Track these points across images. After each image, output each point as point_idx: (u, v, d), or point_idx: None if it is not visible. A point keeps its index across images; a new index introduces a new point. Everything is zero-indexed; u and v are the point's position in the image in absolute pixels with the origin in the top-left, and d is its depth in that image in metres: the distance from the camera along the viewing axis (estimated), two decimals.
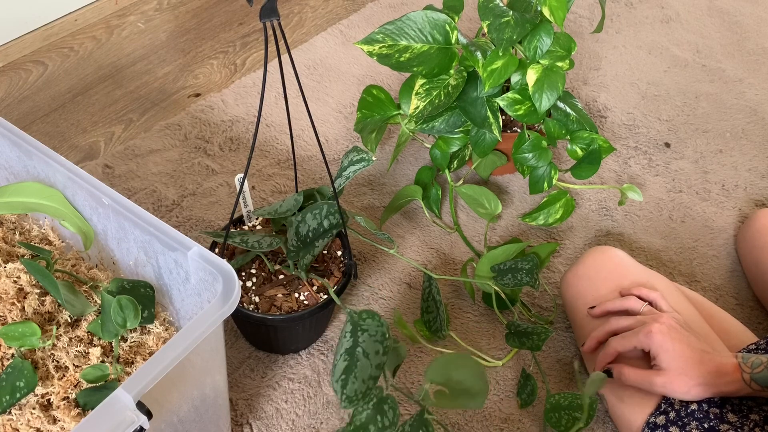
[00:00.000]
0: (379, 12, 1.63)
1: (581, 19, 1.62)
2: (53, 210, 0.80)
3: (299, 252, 0.89)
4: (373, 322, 0.72)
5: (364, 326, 0.73)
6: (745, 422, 0.75)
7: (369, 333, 0.73)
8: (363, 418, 0.71)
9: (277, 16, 0.69)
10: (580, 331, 0.93)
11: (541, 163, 1.08)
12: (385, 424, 0.72)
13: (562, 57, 1.02)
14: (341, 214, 0.90)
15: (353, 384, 0.71)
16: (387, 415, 0.73)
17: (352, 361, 0.72)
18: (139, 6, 1.62)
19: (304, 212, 0.90)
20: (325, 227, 0.90)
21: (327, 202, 0.90)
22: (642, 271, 0.92)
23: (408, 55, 1.00)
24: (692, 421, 0.76)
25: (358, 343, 0.72)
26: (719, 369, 0.75)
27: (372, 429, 0.71)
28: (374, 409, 0.72)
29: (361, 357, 0.72)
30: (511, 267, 0.97)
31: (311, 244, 0.90)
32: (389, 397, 0.74)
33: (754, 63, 1.52)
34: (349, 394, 0.70)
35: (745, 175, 1.28)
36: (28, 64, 1.46)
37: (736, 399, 0.77)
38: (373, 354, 0.72)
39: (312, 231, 0.90)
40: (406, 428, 0.73)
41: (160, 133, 1.31)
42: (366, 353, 0.72)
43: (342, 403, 0.71)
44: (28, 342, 0.68)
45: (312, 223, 0.90)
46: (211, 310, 0.65)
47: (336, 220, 0.90)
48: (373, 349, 0.72)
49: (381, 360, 0.72)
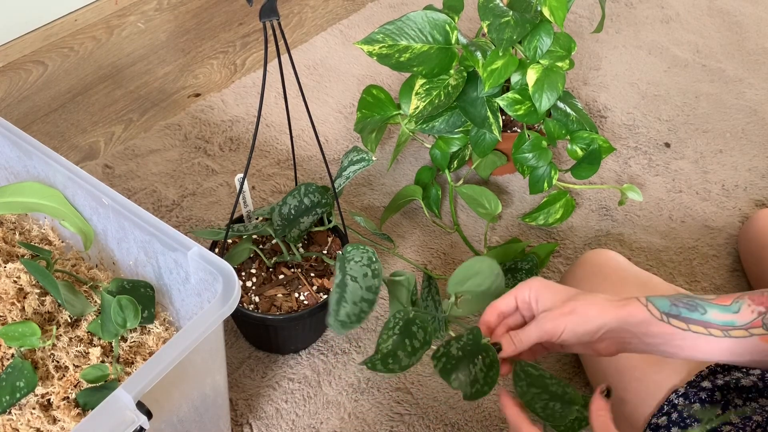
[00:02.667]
0: (379, 12, 1.63)
1: (581, 19, 1.62)
2: (53, 210, 0.80)
3: (284, 228, 0.92)
4: (357, 250, 0.72)
5: (348, 257, 0.72)
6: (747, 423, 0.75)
7: (354, 260, 0.72)
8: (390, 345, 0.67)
9: (276, 16, 0.69)
10: None
11: (541, 163, 1.08)
12: (415, 346, 0.68)
13: (562, 57, 1.02)
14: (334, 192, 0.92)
15: (344, 308, 0.69)
16: (416, 336, 0.69)
17: (342, 290, 0.70)
18: (139, 6, 1.62)
19: (285, 196, 0.93)
20: (306, 204, 0.92)
21: (304, 183, 0.93)
22: (639, 273, 0.92)
23: (408, 55, 1.00)
24: (694, 422, 0.76)
25: (345, 273, 0.71)
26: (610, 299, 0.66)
27: (401, 354, 0.67)
28: (401, 333, 0.68)
29: (350, 282, 0.70)
30: (511, 267, 0.97)
31: (295, 220, 0.92)
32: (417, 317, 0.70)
33: (754, 63, 1.52)
34: (341, 319, 0.68)
35: (745, 175, 1.28)
36: (28, 64, 1.46)
37: (740, 400, 0.77)
38: (361, 277, 0.71)
39: (294, 208, 0.92)
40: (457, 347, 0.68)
41: (160, 133, 1.31)
42: (354, 278, 0.71)
43: (336, 330, 0.68)
44: (28, 342, 0.68)
45: (292, 202, 0.92)
46: (211, 310, 0.65)
47: (316, 198, 0.93)
48: (360, 273, 0.71)
49: (371, 282, 0.70)
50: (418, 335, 0.69)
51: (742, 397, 0.77)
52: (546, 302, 0.67)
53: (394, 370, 0.67)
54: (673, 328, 0.63)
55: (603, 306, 0.64)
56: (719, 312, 0.63)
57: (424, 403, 0.95)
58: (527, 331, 0.66)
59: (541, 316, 0.66)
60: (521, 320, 0.70)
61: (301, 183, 0.94)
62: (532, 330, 0.66)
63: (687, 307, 0.63)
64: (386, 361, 0.67)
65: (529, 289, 0.68)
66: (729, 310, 0.62)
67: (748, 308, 0.62)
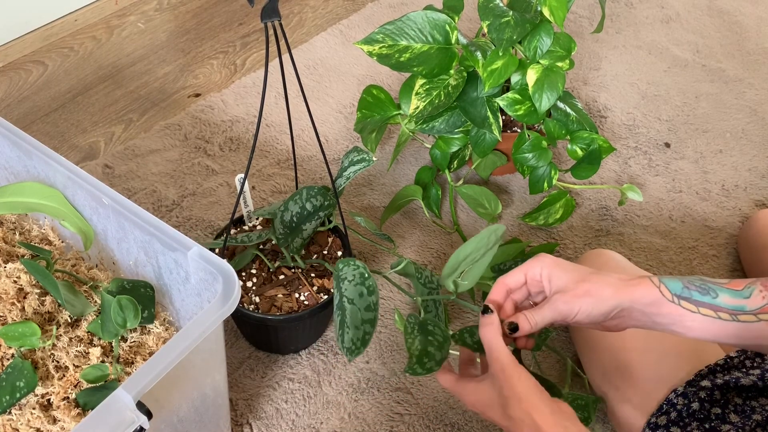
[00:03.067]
0: (379, 12, 1.63)
1: (581, 19, 1.62)
2: (53, 210, 0.80)
3: (287, 237, 0.90)
4: (348, 268, 0.73)
5: (342, 275, 0.73)
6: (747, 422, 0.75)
7: (348, 280, 0.73)
8: (418, 345, 0.70)
9: (278, 16, 0.69)
10: (577, 334, 0.93)
11: (541, 163, 1.08)
12: (439, 341, 0.71)
13: (562, 57, 1.02)
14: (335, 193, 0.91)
15: (348, 334, 0.71)
16: (435, 333, 0.72)
17: (342, 313, 0.72)
18: (139, 6, 1.62)
19: (286, 201, 0.91)
20: (308, 210, 0.91)
21: (306, 187, 0.91)
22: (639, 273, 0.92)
23: (408, 55, 1.00)
24: (693, 421, 0.76)
25: (342, 294, 0.72)
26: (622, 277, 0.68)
27: (432, 350, 0.70)
28: (421, 334, 0.71)
29: (347, 305, 0.72)
30: (511, 267, 0.97)
31: (298, 228, 0.91)
32: (426, 319, 0.73)
33: (754, 63, 1.52)
34: (347, 346, 0.71)
35: (745, 175, 1.28)
36: (28, 64, 1.46)
37: (740, 399, 0.77)
38: (357, 298, 0.72)
39: (296, 215, 0.91)
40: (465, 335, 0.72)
41: (160, 133, 1.31)
42: (351, 300, 0.72)
43: (347, 357, 0.71)
44: (28, 342, 0.68)
45: (294, 208, 0.90)
46: (211, 310, 0.65)
47: (318, 202, 0.91)
48: (356, 293, 0.72)
49: (369, 301, 0.72)
50: (436, 332, 0.72)
51: (742, 396, 0.77)
52: (559, 282, 0.68)
53: (432, 368, 0.69)
54: (683, 309, 0.64)
55: (616, 286, 0.66)
56: (730, 296, 0.64)
57: (424, 403, 0.95)
58: (542, 312, 0.67)
59: (555, 298, 0.67)
60: (526, 294, 0.72)
61: (303, 186, 0.93)
62: (547, 312, 0.67)
63: (699, 290, 0.64)
64: (422, 361, 0.69)
65: (541, 266, 0.69)
66: (740, 295, 0.64)
67: (759, 294, 0.63)
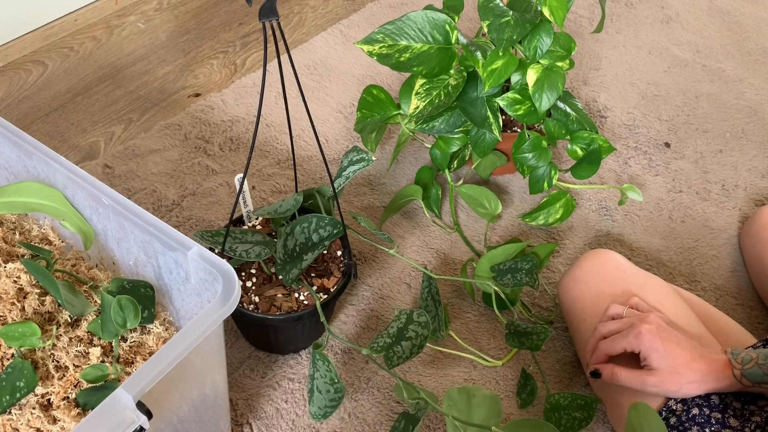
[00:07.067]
0: (379, 12, 1.63)
1: (581, 19, 1.62)
2: (53, 210, 0.80)
3: (285, 266, 0.89)
4: (323, 365, 0.80)
5: (318, 364, 0.80)
6: (747, 425, 0.75)
7: (321, 373, 0.81)
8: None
9: (276, 16, 0.69)
10: (578, 335, 0.93)
11: (541, 163, 1.08)
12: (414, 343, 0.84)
13: (562, 57, 1.02)
14: (342, 224, 0.90)
15: (313, 406, 0.81)
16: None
17: (313, 387, 0.81)
18: (139, 6, 1.62)
19: (294, 224, 0.89)
20: (314, 241, 0.89)
21: (317, 216, 0.89)
22: (639, 274, 0.92)
23: (408, 55, 1.00)
24: (693, 426, 0.76)
25: (314, 379, 0.81)
26: (710, 366, 0.75)
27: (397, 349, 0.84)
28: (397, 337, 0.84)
29: (315, 391, 0.81)
30: (511, 267, 0.97)
31: (299, 257, 0.89)
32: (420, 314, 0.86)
33: (754, 63, 1.52)
34: (311, 411, 0.81)
35: (745, 175, 1.28)
36: (28, 64, 1.46)
37: (738, 403, 0.77)
38: (324, 392, 0.80)
39: (299, 245, 0.89)
40: None
41: (160, 133, 1.31)
42: (319, 389, 0.81)
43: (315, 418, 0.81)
44: (28, 342, 0.68)
45: (300, 237, 0.89)
46: (211, 310, 0.65)
47: (327, 232, 0.89)
48: (324, 388, 0.80)
49: (334, 396, 0.80)
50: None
51: (740, 400, 0.77)
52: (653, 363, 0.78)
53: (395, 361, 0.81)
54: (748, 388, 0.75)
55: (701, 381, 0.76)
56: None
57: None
58: (630, 379, 0.79)
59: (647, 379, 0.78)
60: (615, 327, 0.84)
61: (314, 215, 0.89)
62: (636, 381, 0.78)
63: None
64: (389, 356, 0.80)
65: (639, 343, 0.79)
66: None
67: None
